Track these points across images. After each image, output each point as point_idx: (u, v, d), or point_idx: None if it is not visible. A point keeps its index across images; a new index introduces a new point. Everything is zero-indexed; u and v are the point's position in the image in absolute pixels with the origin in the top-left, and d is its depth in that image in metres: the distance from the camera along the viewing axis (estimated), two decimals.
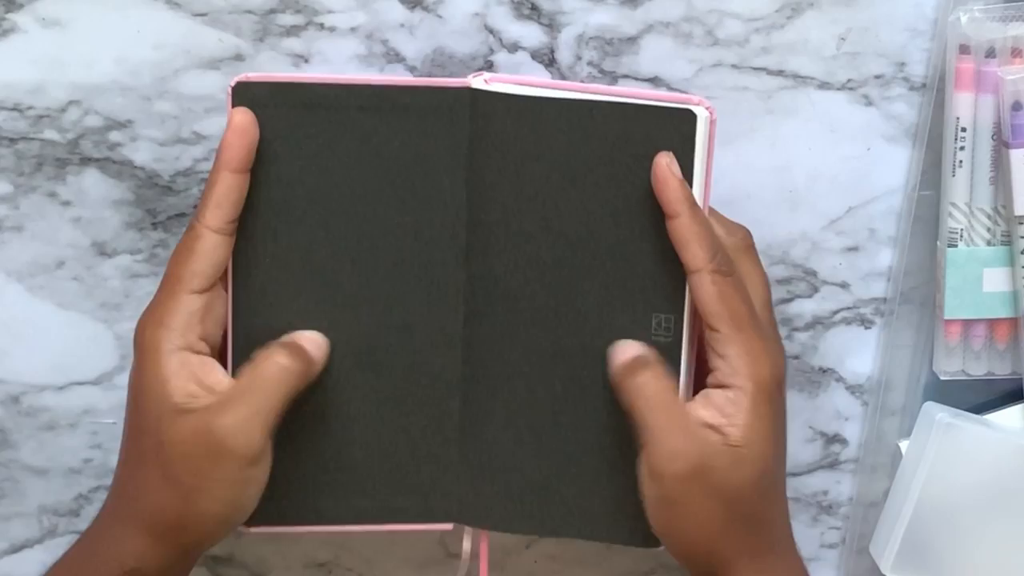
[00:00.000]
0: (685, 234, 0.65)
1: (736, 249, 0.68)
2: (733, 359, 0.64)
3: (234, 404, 0.63)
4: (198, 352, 0.65)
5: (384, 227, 0.68)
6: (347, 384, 0.69)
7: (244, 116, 0.65)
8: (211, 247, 0.64)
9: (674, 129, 0.66)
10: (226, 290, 0.67)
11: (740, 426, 0.64)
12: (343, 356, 0.69)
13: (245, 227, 0.66)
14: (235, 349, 0.67)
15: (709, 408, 0.65)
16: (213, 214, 0.64)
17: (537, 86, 0.67)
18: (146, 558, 0.65)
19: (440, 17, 0.70)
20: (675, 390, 0.66)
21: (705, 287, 0.65)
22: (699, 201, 0.66)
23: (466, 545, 0.73)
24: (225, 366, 0.67)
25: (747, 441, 0.64)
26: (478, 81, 0.67)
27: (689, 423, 0.65)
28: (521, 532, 0.71)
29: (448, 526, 0.71)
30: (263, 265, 0.67)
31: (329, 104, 0.66)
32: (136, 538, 0.65)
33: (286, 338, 0.67)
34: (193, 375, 0.64)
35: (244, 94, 0.65)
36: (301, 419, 0.68)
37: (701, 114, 0.66)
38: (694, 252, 0.65)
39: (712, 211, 0.68)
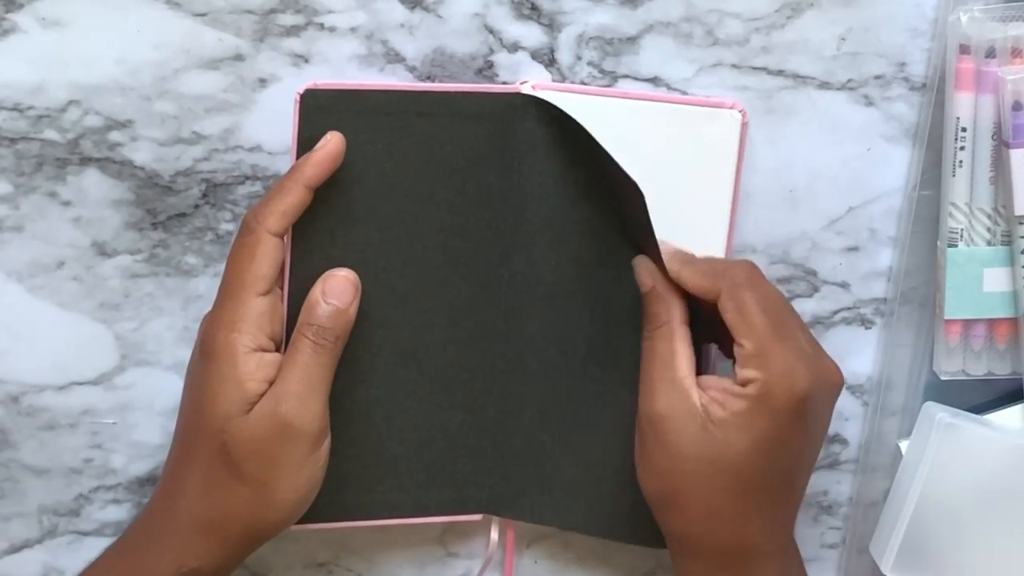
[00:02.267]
0: (693, 286, 0.67)
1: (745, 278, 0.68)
2: (752, 371, 0.65)
3: (287, 387, 0.66)
4: (268, 351, 0.67)
5: (435, 227, 0.69)
6: (391, 380, 0.71)
7: (340, 142, 0.67)
8: (272, 250, 0.66)
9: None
10: (281, 288, 0.68)
11: (727, 412, 0.65)
12: (390, 353, 0.70)
13: (305, 228, 0.68)
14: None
15: (720, 383, 0.66)
16: (278, 221, 0.66)
17: (581, 93, 0.69)
18: (206, 557, 0.67)
19: (440, 17, 0.70)
20: (679, 347, 0.67)
21: (725, 307, 0.66)
22: (728, 199, 0.69)
23: (494, 535, 0.75)
24: None
25: (722, 425, 0.65)
26: (526, 88, 0.69)
27: (675, 378, 0.66)
28: (549, 524, 0.73)
29: (477, 516, 0.74)
30: (320, 266, 0.68)
31: (389, 110, 0.68)
32: (196, 538, 0.66)
33: (314, 290, 0.67)
34: (267, 376, 0.66)
35: (310, 101, 0.66)
36: (345, 417, 0.69)
37: (736, 117, 0.69)
38: (706, 289, 0.67)
39: (708, 259, 0.69)
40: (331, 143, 0.66)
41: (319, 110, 0.67)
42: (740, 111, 0.69)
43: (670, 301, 0.68)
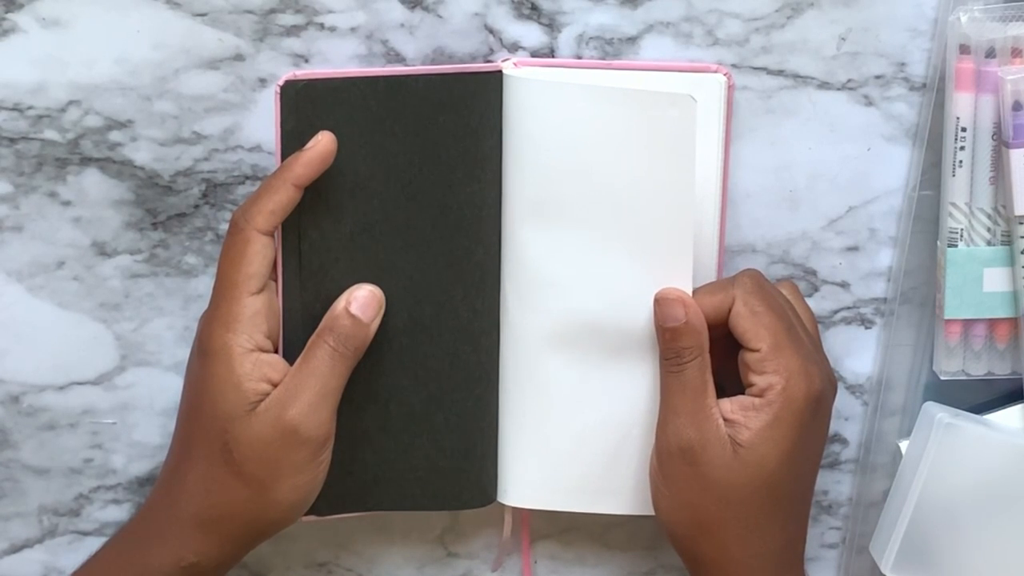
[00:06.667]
0: (708, 305, 0.67)
1: (754, 285, 0.69)
2: (771, 375, 0.66)
3: (299, 392, 0.66)
4: (265, 350, 0.67)
5: (424, 214, 0.69)
6: (389, 375, 0.70)
7: (332, 143, 0.66)
8: (262, 248, 0.66)
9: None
10: (275, 280, 0.68)
11: (752, 430, 0.66)
12: (384, 346, 0.69)
13: (294, 220, 0.67)
14: (286, 338, 0.69)
15: (735, 405, 0.66)
16: (267, 219, 0.66)
17: (565, 67, 0.69)
18: (206, 553, 0.67)
19: (440, 17, 0.70)
20: (709, 378, 0.67)
21: (739, 312, 0.67)
22: (719, 164, 0.69)
23: (508, 521, 0.75)
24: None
25: (751, 445, 0.66)
26: (508, 66, 0.68)
27: (704, 408, 0.66)
28: (555, 508, 0.73)
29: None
30: (312, 258, 0.68)
31: (371, 95, 0.67)
32: (196, 534, 0.67)
33: (340, 302, 0.67)
34: (264, 375, 0.66)
35: (290, 92, 0.66)
36: (346, 410, 0.69)
37: (720, 81, 0.69)
38: (720, 302, 0.67)
39: (711, 282, 0.70)
40: (322, 143, 0.65)
41: (300, 100, 0.66)
42: (725, 74, 0.69)
43: (703, 332, 0.67)
